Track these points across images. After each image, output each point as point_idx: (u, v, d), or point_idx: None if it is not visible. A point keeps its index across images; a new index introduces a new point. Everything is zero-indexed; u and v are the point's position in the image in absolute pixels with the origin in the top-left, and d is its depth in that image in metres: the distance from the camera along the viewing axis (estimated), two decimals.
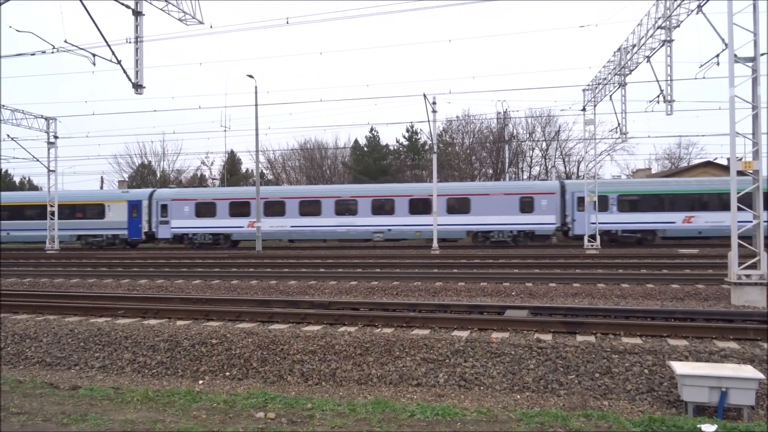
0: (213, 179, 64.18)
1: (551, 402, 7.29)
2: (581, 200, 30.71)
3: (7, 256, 28.07)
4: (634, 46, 22.81)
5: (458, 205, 32.66)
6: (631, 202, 31.35)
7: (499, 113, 50.17)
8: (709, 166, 43.22)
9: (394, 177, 53.61)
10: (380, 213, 33.22)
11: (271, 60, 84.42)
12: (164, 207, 35.42)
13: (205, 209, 34.83)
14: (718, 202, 29.46)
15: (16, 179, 67.78)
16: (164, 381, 8.58)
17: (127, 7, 18.30)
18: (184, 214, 35.04)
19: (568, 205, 31.87)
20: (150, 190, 38.21)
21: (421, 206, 32.66)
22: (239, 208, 34.68)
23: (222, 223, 34.63)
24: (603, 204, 30.98)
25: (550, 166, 56.29)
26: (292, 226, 34.01)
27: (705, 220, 30.14)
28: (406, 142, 58.04)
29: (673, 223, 30.71)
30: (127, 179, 61.28)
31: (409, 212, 32.94)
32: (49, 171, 35.25)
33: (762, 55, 12.74)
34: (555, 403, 7.25)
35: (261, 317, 10.21)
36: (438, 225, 30.50)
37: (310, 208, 33.92)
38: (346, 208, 33.61)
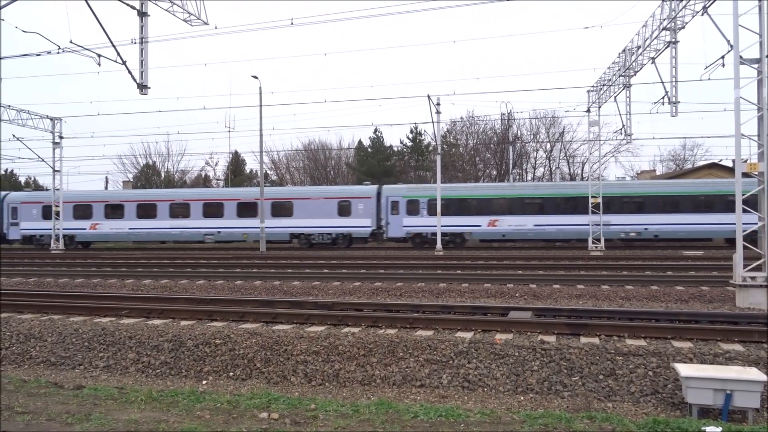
0: (217, 180, 64.36)
1: (555, 404, 7.27)
2: (395, 204, 32.50)
3: (12, 256, 28.19)
4: (638, 47, 22.77)
5: (282, 209, 33.98)
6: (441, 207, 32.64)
7: (504, 114, 50.13)
8: (714, 167, 43.12)
9: (398, 178, 53.64)
10: (211, 216, 34.52)
11: (276, 61, 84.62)
12: (14, 210, 36.82)
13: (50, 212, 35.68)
14: (521, 206, 32.00)
15: (22, 179, 68.12)
16: (168, 381, 8.59)
17: (133, 7, 18.38)
18: (32, 216, 36.52)
19: (382, 209, 33.08)
20: (4, 193, 39.01)
21: (247, 210, 33.98)
22: (82, 211, 35.92)
23: (66, 225, 35.58)
24: (414, 208, 32.66)
25: (554, 168, 56.23)
26: (130, 228, 35.50)
27: (508, 224, 31.78)
28: (410, 143, 58.07)
29: (479, 226, 32.51)
30: (131, 179, 61.45)
31: (237, 215, 34.27)
32: (54, 171, 35.40)
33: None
34: (559, 404, 7.23)
35: (265, 318, 10.22)
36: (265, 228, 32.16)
37: (147, 211, 35.27)
38: (179, 211, 34.85)
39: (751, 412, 6.49)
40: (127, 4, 18.22)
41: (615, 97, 27.25)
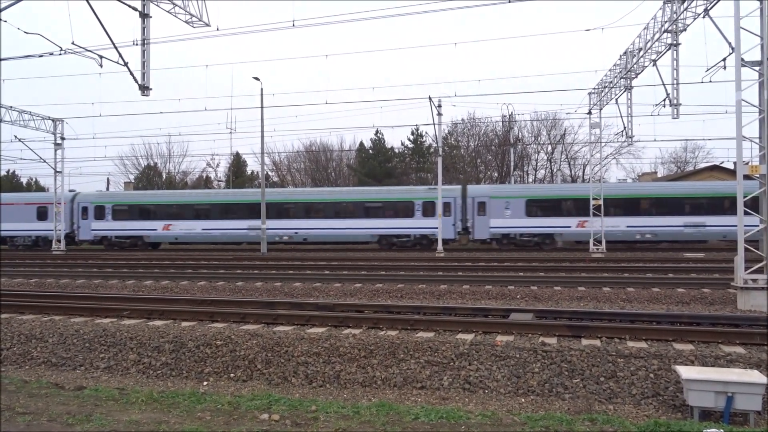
0: (219, 181, 64.40)
1: (556, 406, 7.26)
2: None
3: (13, 257, 28.22)
4: (640, 49, 22.77)
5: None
6: (122, 211, 36.46)
7: (505, 116, 50.19)
8: (716, 170, 43.11)
9: (399, 180, 53.65)
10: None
11: (277, 62, 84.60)
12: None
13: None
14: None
15: (23, 180, 68.18)
16: (169, 382, 8.59)
17: (134, 9, 18.42)
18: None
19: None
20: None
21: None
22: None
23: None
24: (101, 212, 36.22)
25: (555, 170, 56.22)
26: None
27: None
28: (411, 145, 58.08)
29: (155, 230, 35.75)
30: (133, 181, 61.52)
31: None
32: (56, 172, 35.46)
33: None
34: (560, 406, 7.23)
35: (266, 319, 10.21)
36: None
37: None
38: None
39: (753, 414, 6.48)
40: (129, 6, 18.26)
41: (616, 99, 27.26)
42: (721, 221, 29.88)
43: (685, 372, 6.78)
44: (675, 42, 20.80)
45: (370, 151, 58.89)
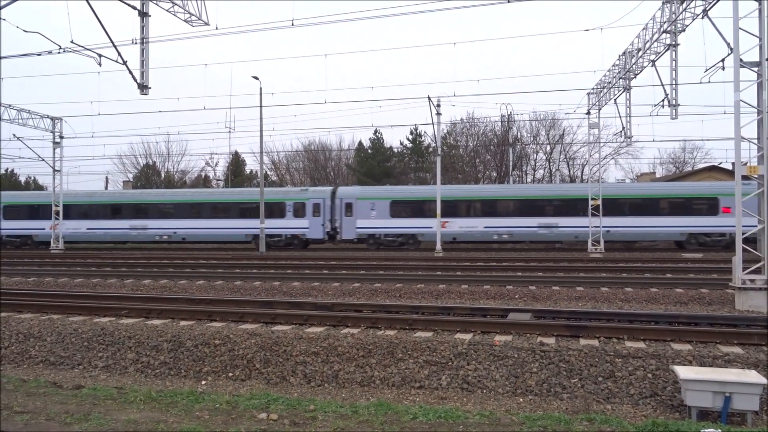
0: (217, 180, 64.36)
1: (554, 405, 7.27)
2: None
3: (12, 255, 28.18)
4: (639, 50, 22.79)
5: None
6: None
7: (504, 116, 50.21)
8: (714, 170, 43.16)
9: (397, 179, 53.65)
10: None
11: (276, 62, 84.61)
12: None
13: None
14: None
15: (22, 179, 68.09)
16: (167, 381, 8.59)
17: (134, 8, 18.39)
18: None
19: None
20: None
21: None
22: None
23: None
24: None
25: (554, 170, 56.23)
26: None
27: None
28: (410, 145, 58.08)
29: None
30: (131, 180, 61.44)
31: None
32: (55, 171, 35.41)
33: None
34: (558, 406, 7.24)
35: (264, 318, 10.21)
36: None
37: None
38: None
39: (750, 414, 6.49)
40: (128, 5, 18.24)
41: (615, 99, 27.28)
42: (572, 222, 31.09)
43: (683, 372, 6.79)
44: (674, 42, 20.82)
45: (369, 150, 58.90)
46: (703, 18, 16.92)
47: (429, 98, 30.62)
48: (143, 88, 18.91)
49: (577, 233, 30.78)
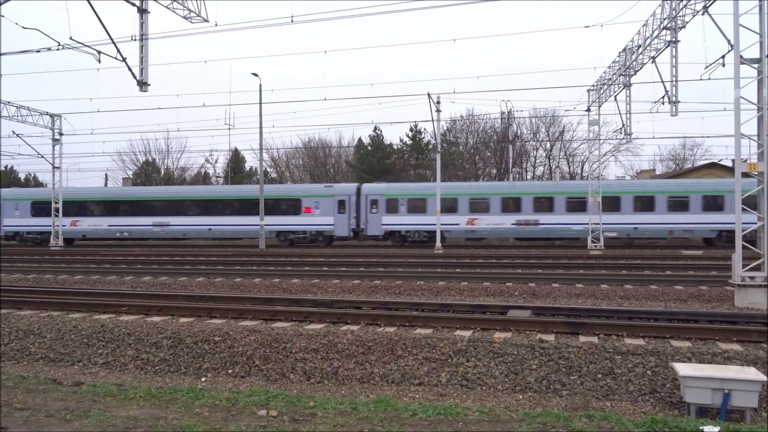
0: (217, 177, 64.31)
1: (553, 402, 7.28)
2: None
3: (12, 252, 28.18)
4: (639, 46, 22.75)
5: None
6: None
7: (504, 113, 50.10)
8: (714, 167, 43.14)
9: (397, 176, 53.59)
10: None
11: (276, 58, 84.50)
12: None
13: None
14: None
15: (21, 176, 68.02)
16: (167, 378, 8.60)
17: (133, 4, 18.35)
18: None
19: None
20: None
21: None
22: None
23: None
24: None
25: (554, 167, 56.21)
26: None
27: None
28: (409, 142, 58.02)
29: None
30: (131, 177, 61.40)
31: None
32: (54, 168, 35.38)
33: None
34: (557, 403, 7.24)
35: (264, 315, 10.22)
36: None
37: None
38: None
39: (749, 411, 6.50)
40: (128, 1, 18.19)
41: (615, 96, 27.24)
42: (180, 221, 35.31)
43: (683, 369, 6.80)
44: (674, 39, 20.77)
45: (369, 147, 58.83)
46: (703, 14, 16.91)
47: (429, 95, 30.63)
48: (142, 84, 18.88)
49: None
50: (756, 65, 12.51)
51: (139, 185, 55.09)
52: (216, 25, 21.48)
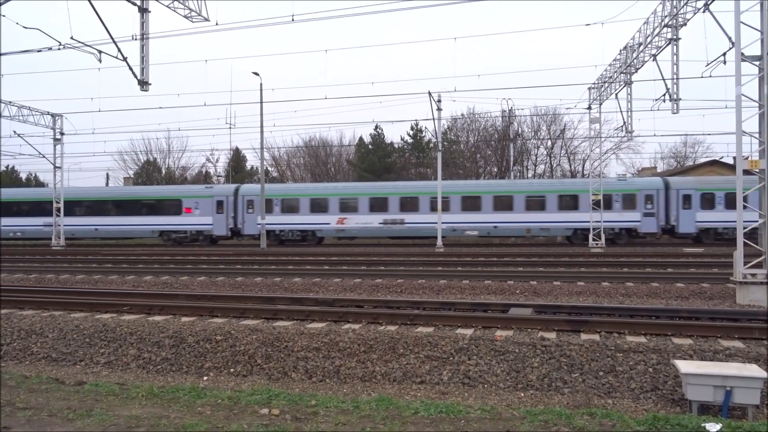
0: (218, 176, 64.33)
1: (555, 400, 7.28)
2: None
3: (13, 252, 28.21)
4: (640, 44, 22.73)
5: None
6: None
7: (504, 111, 50.05)
8: (716, 165, 43.09)
9: (398, 175, 53.58)
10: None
11: (277, 57, 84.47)
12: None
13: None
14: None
15: (23, 176, 68.10)
16: (169, 377, 8.61)
17: (134, 4, 18.36)
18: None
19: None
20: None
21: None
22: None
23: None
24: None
25: (555, 165, 56.20)
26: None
27: None
28: (410, 140, 58.00)
29: None
30: (132, 176, 61.45)
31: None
32: (56, 167, 35.42)
33: None
34: (559, 401, 7.25)
35: (265, 314, 10.23)
36: None
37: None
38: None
39: (751, 408, 6.50)
40: (128, 1, 18.20)
41: (616, 94, 27.23)
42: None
43: (684, 366, 6.80)
44: (675, 37, 20.75)
45: (370, 146, 58.81)
46: (704, 12, 16.90)
47: (430, 93, 30.60)
48: (143, 84, 18.90)
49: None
50: (757, 62, 12.49)
51: (140, 185, 55.13)
52: (217, 24, 21.47)
